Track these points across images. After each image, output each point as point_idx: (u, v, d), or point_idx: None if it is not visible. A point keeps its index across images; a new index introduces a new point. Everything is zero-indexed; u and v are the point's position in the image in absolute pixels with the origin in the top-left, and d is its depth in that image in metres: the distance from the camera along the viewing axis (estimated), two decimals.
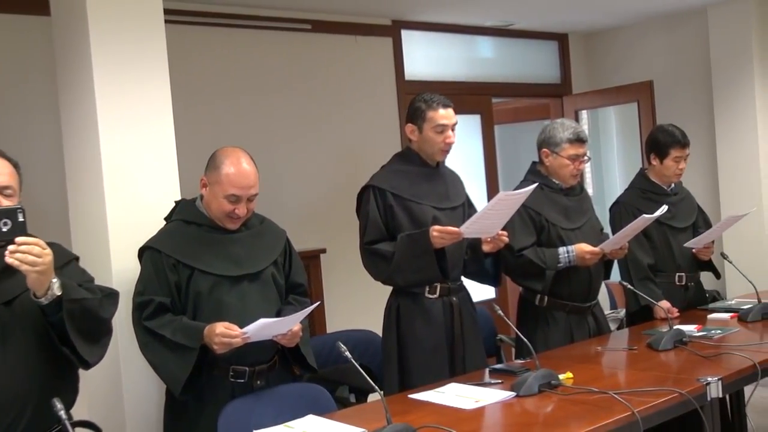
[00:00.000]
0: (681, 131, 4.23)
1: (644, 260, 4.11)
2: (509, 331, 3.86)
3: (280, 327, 2.87)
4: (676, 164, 4.20)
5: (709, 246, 4.25)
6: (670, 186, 4.31)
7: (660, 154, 4.22)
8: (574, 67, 7.49)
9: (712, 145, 6.65)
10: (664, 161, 4.21)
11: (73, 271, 2.56)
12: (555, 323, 3.80)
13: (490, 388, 2.94)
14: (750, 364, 3.05)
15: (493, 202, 3.19)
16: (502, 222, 3.33)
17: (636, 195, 4.29)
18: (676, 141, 4.19)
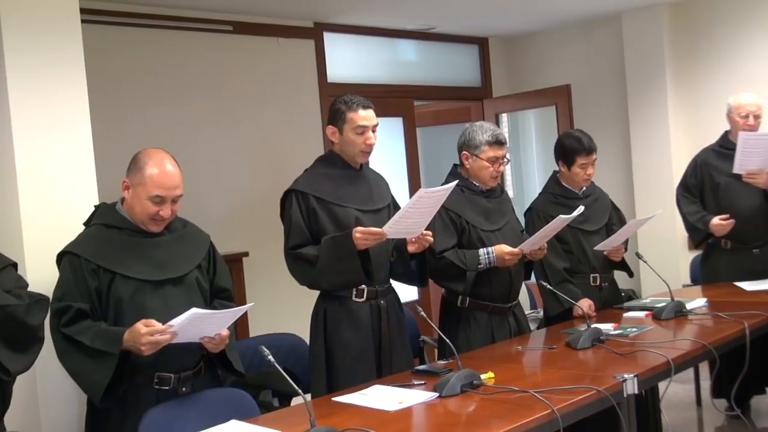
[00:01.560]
0: (587, 137, 4.26)
1: (559, 264, 4.17)
2: (432, 332, 3.89)
3: (211, 324, 2.82)
4: (583, 170, 4.26)
5: (620, 247, 4.35)
6: (581, 189, 4.38)
7: (567, 161, 4.27)
8: (494, 71, 7.60)
9: (627, 147, 6.83)
10: (572, 168, 4.26)
11: (7, 278, 2.48)
12: (477, 324, 3.84)
13: (413, 389, 2.96)
14: (664, 361, 3.14)
15: (413, 200, 3.20)
16: (425, 221, 3.35)
17: (548, 200, 4.35)
18: (581, 148, 4.21)
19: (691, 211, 4.93)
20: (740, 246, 4.82)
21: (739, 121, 4.80)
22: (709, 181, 4.92)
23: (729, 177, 4.76)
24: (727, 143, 4.92)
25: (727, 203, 4.82)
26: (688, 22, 6.57)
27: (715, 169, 4.90)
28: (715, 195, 4.88)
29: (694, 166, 5.01)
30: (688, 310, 4.07)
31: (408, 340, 3.77)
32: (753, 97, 4.84)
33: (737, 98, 4.86)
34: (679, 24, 6.60)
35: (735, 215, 4.77)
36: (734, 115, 4.84)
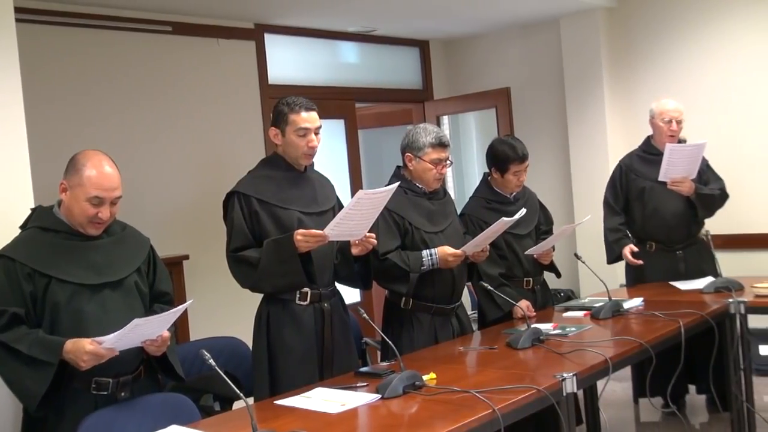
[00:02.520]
0: (520, 144, 4.28)
1: (494, 271, 4.20)
2: (375, 334, 3.90)
3: (151, 328, 2.78)
4: (516, 178, 4.28)
5: (550, 252, 4.40)
6: (512, 193, 4.40)
7: (500, 169, 4.28)
8: (436, 74, 7.65)
9: (566, 149, 6.93)
10: (505, 176, 4.28)
11: None
12: (420, 325, 3.86)
13: (355, 391, 2.96)
14: (602, 359, 3.19)
15: (353, 202, 3.19)
16: (368, 223, 3.35)
17: (481, 205, 4.36)
18: (515, 156, 4.22)
19: (613, 227, 5.05)
20: (665, 248, 4.94)
21: (663, 126, 4.94)
22: (635, 186, 5.03)
23: (654, 181, 4.89)
24: (650, 148, 5.06)
25: (653, 207, 4.95)
26: (623, 26, 6.70)
27: (640, 174, 5.02)
28: (640, 199, 5.00)
29: (620, 171, 5.12)
30: (625, 309, 4.16)
31: (354, 344, 3.77)
32: (675, 103, 4.98)
33: (660, 104, 5.00)
34: (616, 29, 6.73)
35: (660, 218, 4.91)
36: (657, 120, 4.97)
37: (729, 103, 6.19)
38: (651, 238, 4.96)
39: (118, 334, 2.68)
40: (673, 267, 4.92)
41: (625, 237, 4.99)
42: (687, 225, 4.93)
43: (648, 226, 5.00)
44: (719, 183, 4.99)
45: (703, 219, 4.99)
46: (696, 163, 4.78)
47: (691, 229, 4.93)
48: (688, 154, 4.74)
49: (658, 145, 5.01)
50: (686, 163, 4.74)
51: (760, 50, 6.07)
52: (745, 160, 5.94)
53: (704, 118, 6.08)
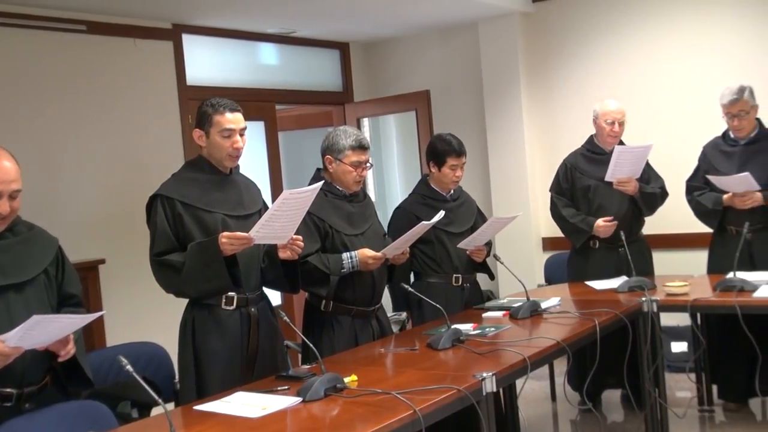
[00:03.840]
0: (458, 140, 4.42)
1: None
2: (296, 337, 3.88)
3: (57, 329, 2.69)
4: (453, 172, 4.39)
5: (482, 249, 4.48)
6: (449, 192, 4.50)
7: (437, 162, 4.40)
8: (356, 76, 7.67)
9: (485, 151, 7.01)
10: (442, 169, 4.39)
11: None
12: (340, 328, 3.86)
13: (276, 394, 2.94)
14: (521, 359, 3.25)
15: (278, 202, 3.16)
16: (293, 225, 3.31)
17: (416, 201, 4.46)
18: (452, 150, 4.37)
19: (572, 213, 5.12)
20: (608, 245, 5.04)
21: (606, 127, 5.06)
22: (580, 184, 5.13)
23: (599, 180, 4.99)
24: (594, 147, 5.17)
25: (598, 205, 5.06)
26: (540, 31, 6.83)
27: (585, 173, 5.13)
28: (586, 197, 5.10)
29: (565, 170, 5.21)
30: (543, 309, 4.23)
31: (282, 347, 3.73)
32: (618, 104, 5.11)
33: (603, 105, 5.11)
34: (532, 32, 6.85)
35: (605, 215, 5.00)
36: (600, 121, 5.09)
37: (645, 105, 6.36)
38: (594, 236, 5.04)
39: (20, 330, 2.56)
40: (615, 264, 5.02)
41: (587, 216, 5.05)
42: (630, 223, 5.04)
43: None
44: (659, 182, 5.14)
45: (645, 217, 5.13)
46: (641, 164, 4.92)
47: (634, 227, 5.04)
48: (634, 155, 4.86)
49: (601, 144, 5.12)
50: (632, 164, 4.86)
51: (675, 53, 6.26)
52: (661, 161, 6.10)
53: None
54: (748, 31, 5.98)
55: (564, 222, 5.17)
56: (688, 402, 5.05)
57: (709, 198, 4.88)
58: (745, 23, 5.99)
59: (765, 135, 4.85)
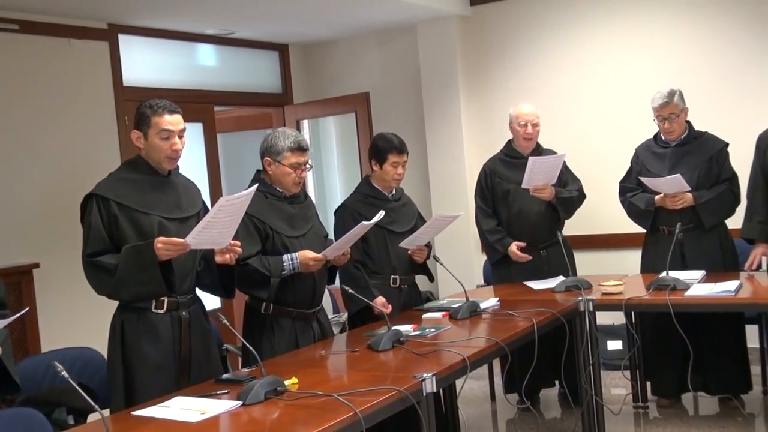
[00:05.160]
0: (399, 139, 4.47)
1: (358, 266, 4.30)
2: (235, 340, 3.85)
3: None
4: (395, 169, 4.42)
5: (424, 249, 4.51)
6: (391, 192, 4.52)
7: (379, 160, 4.43)
8: (295, 78, 7.65)
9: (424, 153, 7.06)
10: (383, 166, 4.42)
11: None
12: (281, 330, 3.84)
13: (216, 398, 2.92)
14: (460, 359, 3.28)
15: (215, 210, 3.14)
16: (231, 231, 3.28)
17: (359, 200, 4.47)
18: (393, 147, 4.41)
19: (491, 229, 5.19)
20: (530, 248, 5.12)
21: (519, 130, 5.16)
22: (500, 188, 5.20)
23: (517, 184, 5.07)
24: (511, 152, 5.26)
25: (517, 208, 5.14)
26: (478, 34, 6.90)
27: (504, 177, 5.20)
28: (505, 201, 5.18)
29: (485, 175, 5.28)
30: (482, 309, 4.28)
31: (216, 352, 3.70)
32: (531, 107, 5.20)
33: (517, 109, 5.21)
34: (470, 36, 6.92)
35: (524, 219, 5.11)
36: (515, 124, 5.18)
37: (580, 107, 6.49)
38: (516, 239, 5.12)
39: None
40: (537, 266, 5.11)
41: (506, 236, 5.14)
42: (549, 225, 5.13)
43: (513, 227, 5.16)
44: (577, 184, 5.24)
45: (564, 220, 5.22)
46: (556, 172, 5.01)
47: (553, 230, 5.12)
48: (549, 165, 4.97)
49: (518, 148, 5.22)
50: (547, 172, 4.97)
51: (608, 56, 6.38)
52: (592, 163, 6.23)
53: (557, 122, 6.34)
54: (680, 34, 6.13)
55: (482, 234, 5.27)
56: (623, 399, 5.14)
57: (642, 199, 4.99)
58: (677, 27, 6.13)
59: (695, 137, 4.97)
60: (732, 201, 4.88)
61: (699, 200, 4.81)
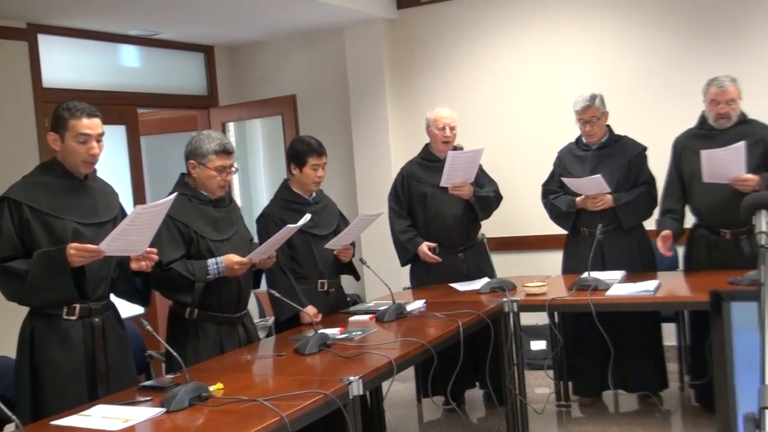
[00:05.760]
0: (317, 141, 4.46)
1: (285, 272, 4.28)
2: (159, 346, 3.80)
3: None
4: (315, 172, 4.42)
5: (349, 248, 4.52)
6: (311, 195, 4.51)
7: (299, 163, 4.42)
8: (221, 80, 7.58)
9: (350, 155, 7.08)
10: (303, 169, 4.41)
11: None
12: (205, 335, 3.80)
13: (139, 406, 2.89)
14: (387, 361, 3.30)
15: (130, 218, 3.09)
16: (147, 238, 3.23)
17: (279, 206, 4.45)
18: (312, 150, 4.41)
19: (402, 229, 5.23)
20: (447, 251, 5.18)
21: (437, 133, 5.22)
22: (417, 192, 5.25)
23: (434, 187, 5.13)
24: (429, 155, 5.33)
25: (434, 211, 5.20)
26: (404, 37, 6.95)
27: (421, 180, 5.26)
28: (422, 203, 5.23)
29: (402, 178, 5.33)
30: (408, 311, 4.31)
31: (131, 358, 3.63)
32: (448, 111, 5.28)
33: (434, 112, 5.27)
34: (397, 39, 6.96)
35: (442, 222, 5.17)
36: (433, 128, 5.25)
37: (504, 110, 6.59)
38: (434, 241, 5.17)
39: None
40: (455, 268, 5.17)
41: (417, 236, 5.18)
42: (467, 227, 5.21)
43: (430, 230, 5.21)
44: (493, 185, 5.32)
45: (481, 221, 5.29)
46: (474, 168, 5.08)
47: (471, 232, 5.19)
48: (467, 159, 5.03)
49: (435, 152, 5.28)
50: (466, 169, 5.03)
51: (533, 60, 6.49)
52: (516, 165, 6.33)
53: (480, 125, 6.44)
54: (601, 40, 6.27)
55: (394, 235, 5.30)
56: (547, 398, 5.24)
57: (564, 201, 5.09)
58: (598, 33, 6.28)
59: (615, 140, 5.10)
60: (650, 203, 5.02)
61: (618, 202, 4.93)
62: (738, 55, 5.78)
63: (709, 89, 4.69)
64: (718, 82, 4.65)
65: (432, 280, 5.18)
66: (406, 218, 5.26)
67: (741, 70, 5.21)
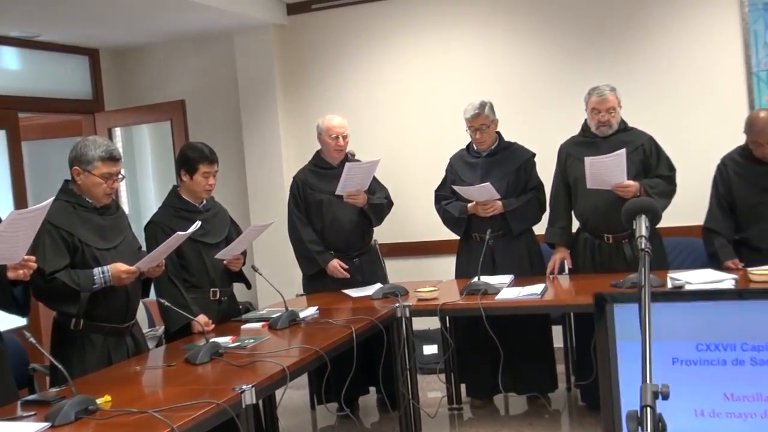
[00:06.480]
0: (209, 148, 4.41)
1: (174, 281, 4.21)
2: (43, 359, 3.67)
3: None
4: (206, 180, 4.36)
5: (239, 258, 4.47)
6: (201, 203, 4.44)
7: (189, 170, 4.35)
8: (107, 84, 7.38)
9: (242, 161, 7.01)
10: (194, 177, 4.34)
11: None
12: (92, 347, 3.70)
13: (22, 421, 2.78)
14: (280, 369, 3.28)
15: (6, 223, 2.97)
16: (25, 245, 3.10)
17: (169, 214, 4.36)
18: (204, 157, 4.34)
19: (311, 239, 5.22)
20: (342, 256, 5.19)
21: (330, 142, 5.26)
22: (313, 199, 5.25)
23: (330, 194, 5.14)
24: (321, 162, 5.35)
25: (331, 218, 5.23)
26: (295, 43, 6.93)
27: (315, 188, 5.28)
28: (319, 211, 5.23)
29: (297, 186, 5.32)
30: (301, 318, 4.30)
31: (9, 372, 3.48)
32: (340, 119, 5.32)
33: (326, 121, 5.30)
34: (288, 44, 6.94)
35: (339, 228, 5.20)
36: (325, 136, 5.28)
37: (395, 117, 6.64)
38: (331, 248, 5.17)
39: None
40: (351, 274, 5.18)
41: (327, 251, 5.19)
42: (362, 233, 5.24)
43: (327, 236, 5.22)
44: (384, 191, 5.39)
45: (375, 227, 5.33)
46: (369, 178, 5.14)
47: (366, 238, 5.22)
48: (364, 170, 5.10)
49: (328, 158, 5.29)
50: (361, 179, 5.08)
51: (424, 68, 6.58)
52: (409, 172, 6.39)
53: (373, 131, 6.47)
54: (491, 49, 6.40)
55: (300, 244, 5.27)
56: (439, 402, 5.30)
57: (456, 207, 5.17)
58: (488, 43, 6.41)
59: (504, 147, 5.21)
60: (538, 208, 5.15)
61: (508, 208, 5.04)
62: (619, 65, 6.01)
63: (590, 98, 4.85)
64: (599, 91, 4.82)
65: (328, 287, 5.17)
66: (310, 226, 5.24)
67: (621, 79, 5.44)
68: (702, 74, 5.90)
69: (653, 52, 6.00)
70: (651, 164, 4.84)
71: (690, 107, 5.91)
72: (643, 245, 1.99)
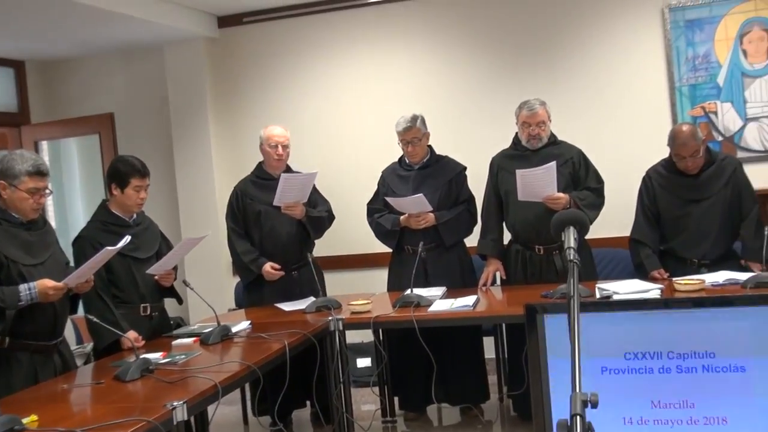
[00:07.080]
0: (141, 162, 4.35)
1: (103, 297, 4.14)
2: None
3: None
4: (137, 194, 4.30)
5: (171, 273, 4.42)
6: (131, 217, 4.38)
7: (120, 184, 4.28)
8: (33, 96, 7.24)
9: (172, 175, 6.93)
10: (125, 190, 4.28)
11: None
12: (18, 365, 3.61)
13: None
14: (212, 384, 3.25)
15: None
16: None
17: (97, 228, 4.28)
18: (135, 171, 4.29)
19: (244, 250, 5.18)
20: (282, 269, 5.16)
21: (270, 151, 5.23)
22: (251, 210, 5.22)
23: (268, 205, 5.11)
24: (262, 173, 5.32)
25: (269, 229, 5.19)
26: (226, 56, 6.89)
27: (255, 198, 5.24)
28: (257, 222, 5.20)
29: (236, 197, 5.28)
30: (233, 333, 4.25)
31: None
32: (281, 129, 5.30)
33: (268, 130, 5.28)
34: (219, 58, 6.89)
35: (276, 239, 5.18)
36: (265, 145, 5.26)
37: (329, 130, 6.66)
38: (269, 259, 5.14)
39: None
40: (288, 287, 5.15)
41: (261, 257, 5.14)
42: (300, 246, 5.21)
43: (265, 247, 5.19)
44: (326, 205, 5.38)
45: (314, 240, 5.32)
46: (307, 190, 5.13)
47: (304, 250, 5.20)
48: (300, 182, 5.08)
49: (268, 169, 5.27)
50: (299, 190, 5.07)
51: (356, 82, 6.63)
52: (342, 184, 6.39)
53: (305, 144, 6.45)
54: (422, 65, 6.47)
55: (236, 256, 5.25)
56: (373, 414, 5.30)
57: (388, 219, 5.19)
58: (419, 58, 6.48)
59: (436, 160, 5.26)
60: (469, 220, 5.20)
61: (440, 220, 5.08)
62: (549, 81, 6.13)
63: (520, 112, 4.94)
64: (529, 105, 4.91)
65: (267, 299, 5.14)
66: (246, 237, 5.21)
67: (552, 94, 5.55)
68: (627, 89, 6.06)
69: (581, 69, 6.14)
70: (580, 177, 4.93)
71: (616, 121, 6.06)
72: (571, 256, 2.03)
